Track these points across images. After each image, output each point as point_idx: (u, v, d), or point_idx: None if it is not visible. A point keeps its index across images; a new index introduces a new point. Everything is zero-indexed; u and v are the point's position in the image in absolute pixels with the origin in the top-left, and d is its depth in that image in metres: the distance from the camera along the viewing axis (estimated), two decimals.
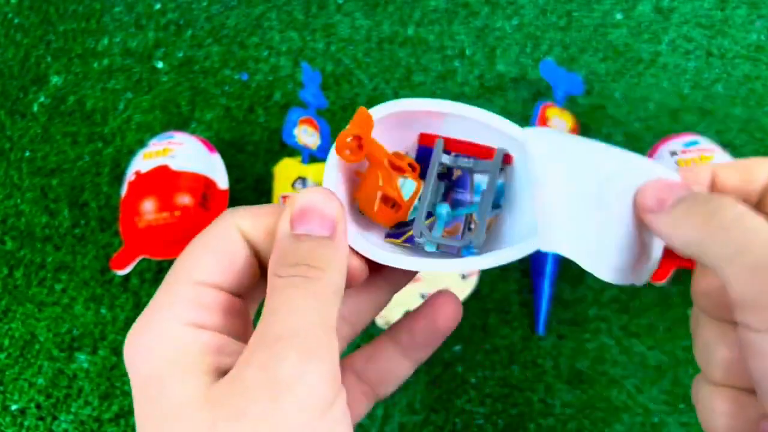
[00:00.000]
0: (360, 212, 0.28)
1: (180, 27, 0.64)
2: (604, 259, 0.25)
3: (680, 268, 0.48)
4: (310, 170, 0.52)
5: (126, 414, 0.48)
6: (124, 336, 0.50)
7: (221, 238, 0.23)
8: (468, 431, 0.46)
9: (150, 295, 0.53)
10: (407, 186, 0.27)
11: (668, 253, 0.48)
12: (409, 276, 0.28)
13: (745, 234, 0.20)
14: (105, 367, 0.50)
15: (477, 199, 0.28)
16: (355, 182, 0.28)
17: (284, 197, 0.52)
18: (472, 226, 0.27)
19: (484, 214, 0.27)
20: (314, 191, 0.23)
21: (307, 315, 0.20)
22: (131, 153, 0.58)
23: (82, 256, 0.54)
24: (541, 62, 0.55)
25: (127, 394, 0.49)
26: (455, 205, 0.28)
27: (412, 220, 0.27)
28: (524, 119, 0.58)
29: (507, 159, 0.27)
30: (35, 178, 0.58)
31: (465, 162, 0.28)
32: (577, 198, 0.26)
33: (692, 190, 0.24)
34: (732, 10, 0.61)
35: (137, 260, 0.50)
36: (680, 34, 0.61)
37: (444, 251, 0.27)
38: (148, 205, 0.49)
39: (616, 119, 0.57)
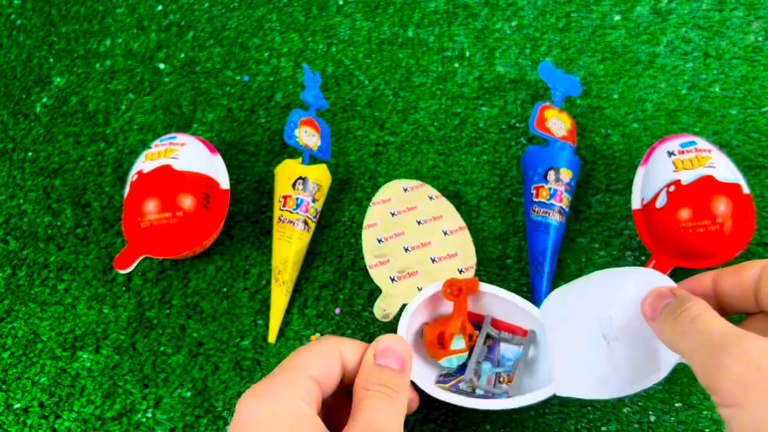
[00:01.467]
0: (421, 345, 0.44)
1: (182, 28, 0.65)
2: (612, 382, 0.36)
3: (677, 267, 0.49)
4: (310, 171, 0.53)
5: (128, 412, 0.49)
6: (126, 335, 0.51)
7: (329, 353, 0.34)
8: (467, 429, 0.46)
9: (152, 295, 0.53)
10: (458, 342, 0.42)
11: (663, 250, 0.49)
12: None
13: (695, 333, 0.28)
14: (107, 365, 0.50)
15: (504, 361, 0.45)
16: (422, 326, 0.44)
17: (285, 197, 0.52)
18: (501, 379, 0.44)
19: (521, 373, 0.43)
20: (393, 337, 0.36)
21: (390, 415, 0.31)
22: (133, 153, 0.58)
23: (84, 256, 0.55)
24: (540, 64, 0.56)
25: (130, 392, 0.49)
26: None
27: (455, 372, 0.44)
28: (523, 120, 0.58)
29: (525, 333, 0.44)
30: (38, 179, 0.58)
31: (505, 336, 0.44)
32: (581, 342, 0.38)
33: (676, 296, 0.32)
34: (729, 11, 0.62)
35: (139, 260, 0.50)
36: (678, 35, 0.61)
37: (484, 395, 0.42)
38: (151, 205, 0.49)
39: (614, 120, 0.57)
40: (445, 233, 0.51)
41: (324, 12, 0.65)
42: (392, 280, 0.48)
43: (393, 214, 0.52)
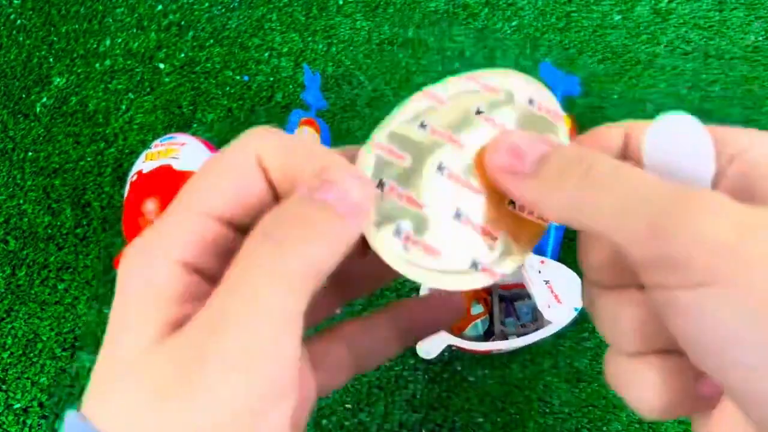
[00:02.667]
0: None
1: (182, 28, 0.65)
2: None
3: None
4: None
5: None
6: None
7: (237, 166, 0.20)
8: (467, 429, 0.46)
9: None
10: (476, 307, 0.46)
11: None
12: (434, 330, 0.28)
13: (628, 189, 0.18)
14: None
15: (522, 315, 0.52)
16: None
17: None
18: (527, 328, 0.50)
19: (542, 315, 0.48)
20: (347, 166, 0.19)
21: (260, 302, 0.17)
22: (133, 153, 0.58)
23: (84, 256, 0.55)
24: (540, 64, 0.56)
25: None
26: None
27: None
28: None
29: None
30: (38, 179, 0.58)
31: (516, 293, 0.52)
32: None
33: (556, 144, 0.21)
34: (730, 11, 0.62)
35: None
36: (678, 35, 0.61)
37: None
38: (151, 205, 0.49)
39: (615, 120, 0.57)
40: None
41: (324, 12, 0.65)
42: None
43: None
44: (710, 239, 0.16)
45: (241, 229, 0.20)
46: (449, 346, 0.48)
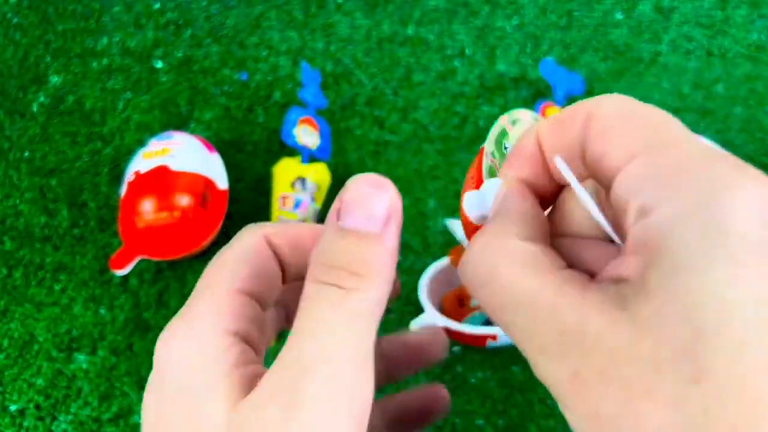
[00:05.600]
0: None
1: (179, 27, 0.64)
2: None
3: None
4: (309, 170, 0.52)
5: (125, 414, 0.48)
6: (123, 336, 0.50)
7: (251, 247, 0.22)
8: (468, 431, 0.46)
9: (149, 296, 0.52)
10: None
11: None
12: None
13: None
14: (104, 367, 0.50)
15: None
16: None
17: (283, 197, 0.51)
18: None
19: None
20: (368, 179, 0.20)
21: (339, 342, 0.18)
22: (130, 153, 0.58)
23: (81, 257, 0.54)
24: (541, 62, 0.55)
25: (127, 394, 0.49)
26: None
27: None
28: None
29: None
30: (34, 178, 0.58)
31: None
32: None
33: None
34: (732, 9, 0.61)
35: (136, 260, 0.50)
36: (681, 33, 0.60)
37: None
38: (148, 206, 0.49)
39: None
40: None
41: (323, 10, 0.64)
42: None
43: None
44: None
45: (259, 300, 0.22)
46: (449, 336, 0.48)
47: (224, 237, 0.54)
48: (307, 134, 0.53)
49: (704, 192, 0.15)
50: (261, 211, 0.55)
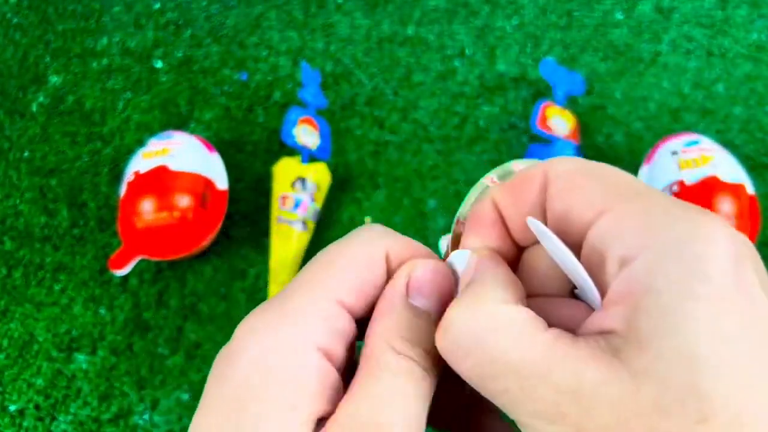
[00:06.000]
0: None
1: (179, 27, 0.64)
2: None
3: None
4: (309, 170, 0.52)
5: (125, 415, 0.48)
6: (123, 336, 0.50)
7: (369, 259, 0.19)
8: None
9: (149, 296, 0.52)
10: None
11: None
12: None
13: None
14: (104, 367, 0.50)
15: None
16: None
17: (283, 197, 0.51)
18: None
19: None
20: (439, 264, 0.20)
21: (410, 413, 0.17)
22: (130, 153, 0.58)
23: (81, 257, 0.54)
24: (541, 62, 0.55)
25: (126, 394, 0.49)
26: None
27: None
28: (524, 119, 0.57)
29: None
30: (34, 178, 0.58)
31: None
32: None
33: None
34: (732, 9, 0.61)
35: (136, 260, 0.50)
36: (681, 33, 0.60)
37: None
38: (147, 206, 0.49)
39: (617, 119, 0.57)
40: None
41: (323, 10, 0.64)
42: None
43: None
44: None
45: (357, 319, 0.20)
46: None
47: (224, 237, 0.54)
48: (307, 134, 0.53)
49: (681, 238, 0.16)
50: (261, 211, 0.55)
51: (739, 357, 0.15)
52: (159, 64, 0.62)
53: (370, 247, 0.20)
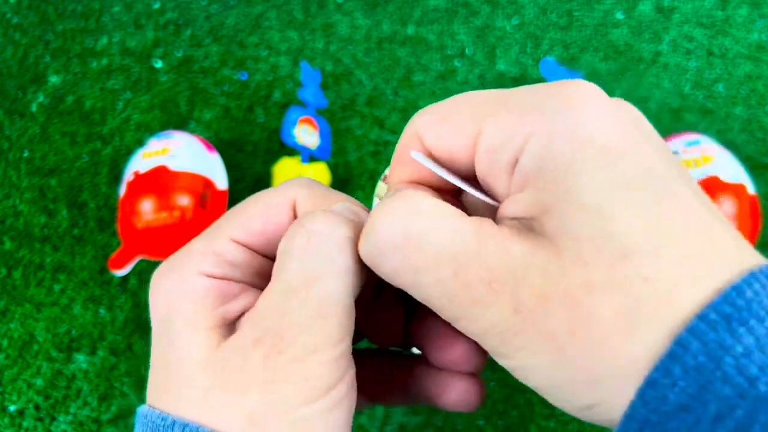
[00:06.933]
0: None
1: (179, 26, 0.64)
2: None
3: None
4: (309, 170, 0.52)
5: (125, 415, 0.48)
6: (123, 336, 0.50)
7: (273, 204, 0.22)
8: None
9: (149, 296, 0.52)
10: None
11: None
12: None
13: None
14: (104, 367, 0.50)
15: None
16: None
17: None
18: None
19: None
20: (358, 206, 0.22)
21: (325, 284, 0.19)
22: (130, 153, 0.58)
23: (80, 257, 0.54)
24: (541, 61, 0.55)
25: (126, 395, 0.49)
26: None
27: None
28: None
29: None
30: (34, 178, 0.58)
31: None
32: None
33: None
34: (733, 9, 0.61)
35: (136, 260, 0.50)
36: (681, 33, 0.60)
37: None
38: (147, 206, 0.49)
39: None
40: None
41: (323, 10, 0.64)
42: None
43: None
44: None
45: (264, 254, 0.22)
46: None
47: None
48: (307, 134, 0.53)
49: (555, 117, 0.17)
50: None
51: (636, 196, 0.16)
52: (159, 64, 0.62)
53: (276, 193, 0.22)
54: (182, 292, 0.20)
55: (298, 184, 0.22)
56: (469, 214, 0.18)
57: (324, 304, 0.18)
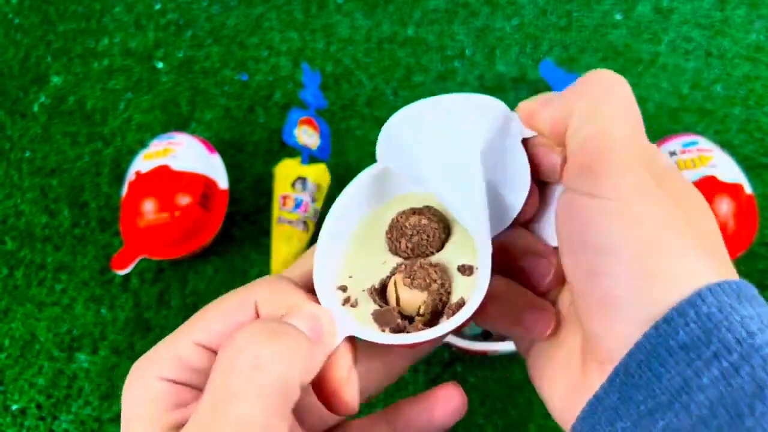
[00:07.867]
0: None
1: (180, 27, 0.64)
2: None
3: None
4: (309, 170, 0.52)
5: None
6: (124, 336, 0.51)
7: (236, 308, 0.23)
8: (468, 431, 0.46)
9: (150, 296, 0.53)
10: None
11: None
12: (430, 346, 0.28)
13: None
14: (105, 367, 0.50)
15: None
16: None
17: (284, 197, 0.51)
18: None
19: None
20: (318, 308, 0.23)
21: (249, 408, 0.19)
22: (131, 153, 0.58)
23: (82, 257, 0.54)
24: (540, 62, 0.55)
25: None
26: None
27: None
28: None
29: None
30: (35, 178, 0.58)
31: None
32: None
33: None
34: (731, 10, 0.61)
35: (137, 260, 0.50)
36: (680, 34, 0.61)
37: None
38: (149, 206, 0.49)
39: None
40: None
41: (323, 10, 0.64)
42: None
43: None
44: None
45: None
46: (450, 348, 0.48)
47: (224, 237, 0.54)
48: (307, 134, 0.53)
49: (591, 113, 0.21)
50: (261, 211, 0.55)
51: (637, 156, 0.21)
52: (160, 65, 0.62)
53: (239, 295, 0.24)
54: (140, 396, 0.22)
55: (262, 283, 0.24)
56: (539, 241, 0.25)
57: (242, 424, 0.19)
